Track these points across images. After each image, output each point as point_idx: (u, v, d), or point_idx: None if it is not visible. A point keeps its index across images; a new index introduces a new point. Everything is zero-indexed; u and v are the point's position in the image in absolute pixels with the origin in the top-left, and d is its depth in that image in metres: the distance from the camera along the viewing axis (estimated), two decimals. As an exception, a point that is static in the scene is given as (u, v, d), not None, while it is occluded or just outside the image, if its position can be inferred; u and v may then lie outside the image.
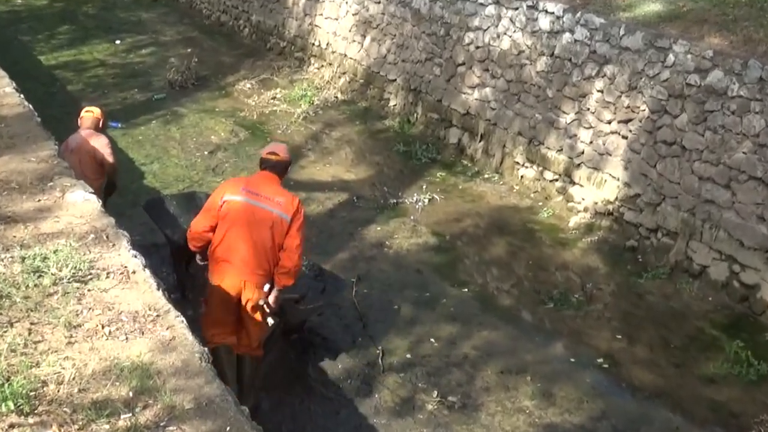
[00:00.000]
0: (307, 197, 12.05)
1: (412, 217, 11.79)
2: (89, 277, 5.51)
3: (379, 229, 11.41)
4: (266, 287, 7.27)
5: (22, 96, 9.55)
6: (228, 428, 4.32)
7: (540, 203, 12.25)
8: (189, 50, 18.71)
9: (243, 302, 7.25)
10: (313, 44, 17.54)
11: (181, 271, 9.48)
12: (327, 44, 17.10)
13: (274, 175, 7.47)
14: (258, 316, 7.34)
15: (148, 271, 5.73)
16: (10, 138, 7.95)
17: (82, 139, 9.29)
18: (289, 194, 7.45)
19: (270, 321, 7.40)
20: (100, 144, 9.29)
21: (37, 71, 17.24)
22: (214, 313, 7.38)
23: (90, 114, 9.63)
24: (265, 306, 7.25)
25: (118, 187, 9.68)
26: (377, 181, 12.85)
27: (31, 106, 9.24)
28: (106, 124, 10.06)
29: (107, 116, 10.20)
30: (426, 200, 12.22)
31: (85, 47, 19.09)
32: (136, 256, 5.88)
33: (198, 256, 7.71)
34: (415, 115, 14.79)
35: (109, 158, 9.28)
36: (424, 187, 12.61)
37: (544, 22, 12.28)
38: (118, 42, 19.51)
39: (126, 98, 16.05)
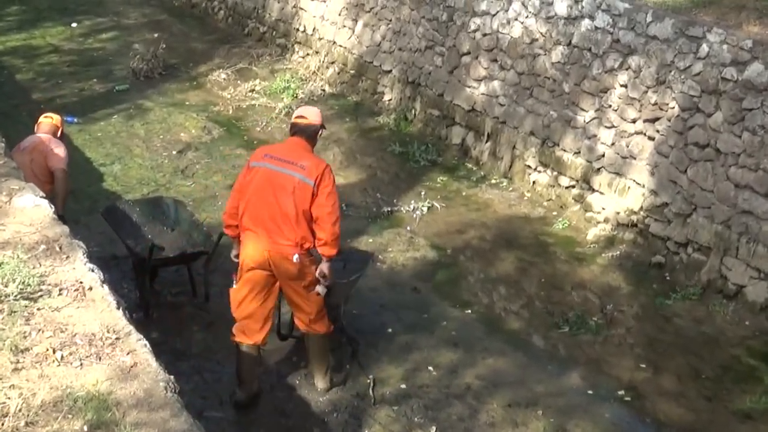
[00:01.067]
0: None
1: (408, 228, 11.81)
2: (39, 294, 5.52)
3: (371, 240, 11.42)
4: (295, 257, 7.77)
5: (-36, 86, 9.59)
6: (196, 468, 4.34)
7: (554, 213, 12.27)
8: (156, 35, 18.74)
9: (276, 275, 7.86)
10: (298, 29, 17.57)
11: (145, 287, 9.49)
12: (313, 29, 17.13)
13: (303, 140, 7.94)
14: (299, 288, 7.97)
15: (106, 288, 5.74)
16: (-50, 134, 7.98)
17: (38, 139, 9.46)
18: (317, 159, 7.93)
19: (319, 289, 8.01)
20: (57, 147, 9.45)
21: (-19, 57, 17.29)
22: (241, 294, 7.94)
23: (49, 120, 9.93)
24: (319, 277, 7.96)
25: (63, 195, 9.59)
26: (369, 187, 12.86)
27: (-26, 99, 9.27)
28: (64, 133, 10.27)
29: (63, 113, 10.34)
30: (425, 208, 12.24)
31: (36, 31, 19.12)
32: (93, 270, 5.89)
33: (233, 252, 8.21)
34: (413, 111, 14.82)
35: (60, 164, 9.36)
36: (423, 193, 12.62)
37: (561, 7, 12.32)
38: (74, 25, 19.54)
39: (83, 89, 16.06)
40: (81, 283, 5.68)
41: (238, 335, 8.05)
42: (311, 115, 8.05)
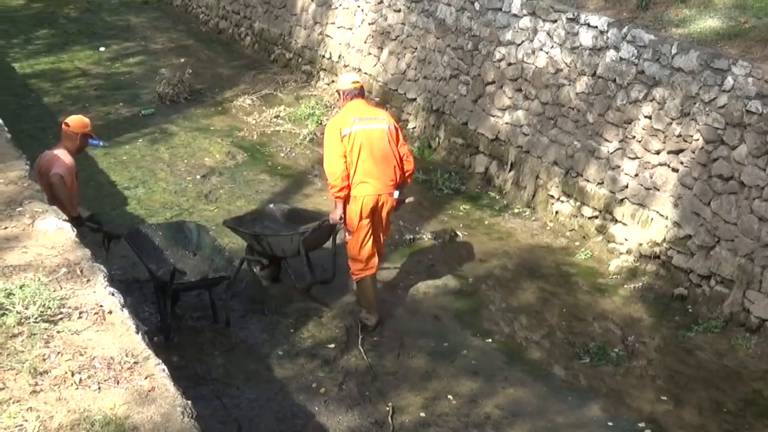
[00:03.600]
0: (311, 230, 12.09)
1: (430, 256, 11.79)
2: (59, 316, 5.53)
3: (393, 268, 11.41)
4: (396, 194, 9.99)
5: (-9, 108, 9.64)
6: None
7: (577, 243, 12.23)
8: (182, 60, 18.86)
9: (381, 214, 9.95)
10: (324, 56, 17.64)
11: (167, 312, 9.50)
12: (339, 57, 17.20)
13: (365, 99, 10.17)
14: (388, 220, 10.23)
15: (126, 312, 5.75)
16: (-24, 156, 8.02)
17: (50, 157, 9.24)
18: (381, 108, 10.51)
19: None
20: (62, 155, 9.12)
21: (10, 81, 17.44)
22: (366, 238, 9.88)
23: (66, 128, 9.53)
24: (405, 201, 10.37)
25: (64, 199, 9.40)
26: (392, 214, 12.83)
27: (0, 121, 9.31)
28: (89, 137, 9.82)
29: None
30: (447, 237, 12.23)
31: (65, 54, 19.29)
32: (113, 294, 5.90)
33: (338, 213, 9.90)
34: (437, 139, 14.83)
35: (54, 169, 8.93)
36: (446, 221, 12.62)
37: (586, 38, 12.32)
38: (102, 49, 19.69)
39: (110, 113, 16.16)
40: (101, 306, 5.70)
41: (364, 271, 9.94)
42: (358, 77, 10.30)
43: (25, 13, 22.57)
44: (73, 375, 4.99)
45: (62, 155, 9.22)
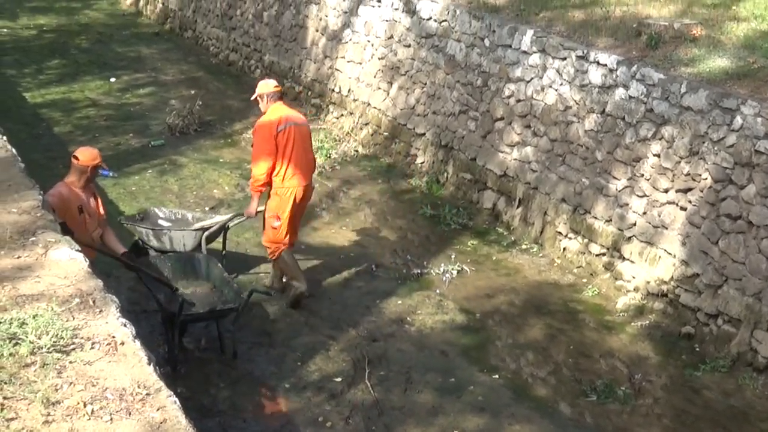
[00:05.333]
0: (319, 264, 12.14)
1: (437, 291, 11.81)
2: (72, 347, 5.54)
3: (400, 302, 11.43)
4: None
5: (4, 138, 9.68)
6: None
7: (584, 280, 12.25)
8: (192, 92, 18.96)
9: (304, 201, 11.10)
10: (333, 90, 17.73)
11: (174, 342, 9.52)
12: (348, 91, 17.29)
13: (283, 101, 11.20)
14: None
15: (138, 343, 5.77)
16: (-11, 186, 8.05)
17: (54, 189, 9.18)
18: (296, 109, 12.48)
19: None
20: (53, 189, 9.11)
21: (22, 110, 17.54)
22: (290, 222, 10.93)
23: (75, 161, 9.47)
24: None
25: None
26: (400, 248, 12.90)
27: (13, 150, 9.35)
28: (99, 168, 9.80)
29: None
30: (454, 272, 12.24)
31: (76, 84, 19.40)
32: (125, 325, 5.92)
33: (258, 206, 11.06)
34: (446, 174, 14.88)
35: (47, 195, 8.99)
36: (453, 256, 12.63)
37: (595, 76, 12.38)
38: (113, 80, 19.80)
39: (119, 144, 16.24)
40: (113, 337, 5.71)
41: (284, 247, 10.99)
42: (276, 81, 11.53)
43: (37, 43, 22.72)
44: (85, 406, 5.00)
45: (61, 186, 9.18)
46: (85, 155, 9.39)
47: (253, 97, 11.27)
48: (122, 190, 14.03)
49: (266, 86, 11.06)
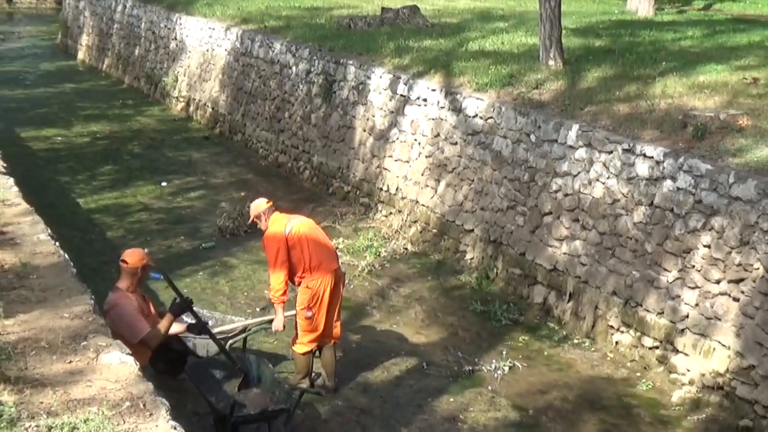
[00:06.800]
0: (369, 362, 12.10)
1: (490, 387, 11.72)
2: (123, 450, 5.57)
3: (452, 400, 11.35)
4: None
5: (57, 244, 9.84)
6: None
7: (638, 374, 12.10)
8: (242, 194, 19.14)
9: (339, 288, 11.17)
10: (381, 189, 17.84)
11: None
12: (396, 189, 17.39)
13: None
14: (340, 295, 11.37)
15: (188, 446, 5.77)
16: (42, 291, 8.17)
17: (110, 302, 9.43)
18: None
19: None
20: (119, 314, 9.34)
21: (75, 216, 17.78)
22: (327, 312, 10.97)
23: (124, 265, 9.71)
24: None
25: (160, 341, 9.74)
26: (450, 345, 12.84)
27: (66, 256, 9.50)
28: (149, 268, 10.01)
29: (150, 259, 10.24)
30: (506, 368, 12.15)
31: (128, 189, 19.68)
32: (175, 428, 5.94)
33: (282, 318, 11.11)
34: (495, 270, 14.85)
35: (135, 337, 9.30)
36: (505, 352, 12.54)
37: (642, 168, 12.38)
38: (164, 184, 20.07)
39: (171, 246, 16.40)
40: (163, 440, 5.73)
41: (314, 342, 11.07)
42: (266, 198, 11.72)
43: (90, 150, 23.12)
44: None
45: (120, 298, 9.45)
46: (133, 257, 9.60)
47: (249, 221, 11.69)
48: (174, 293, 14.08)
49: (259, 205, 11.35)
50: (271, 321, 11.40)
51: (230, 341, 11.02)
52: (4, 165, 13.62)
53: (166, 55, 28.91)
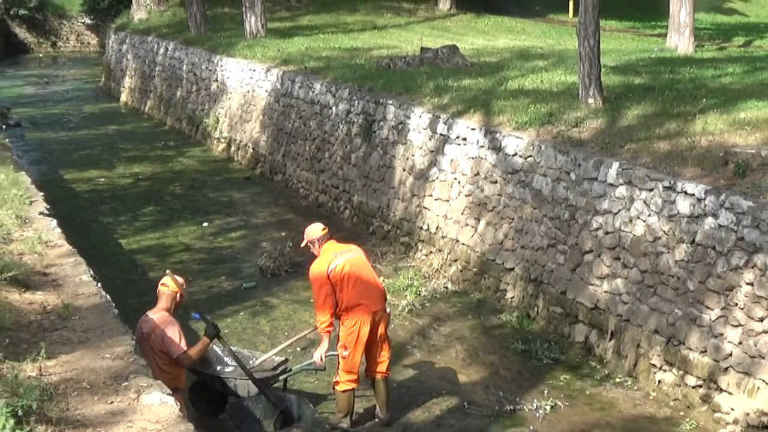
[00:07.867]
0: (410, 402, 12.07)
1: (531, 427, 11.65)
2: (163, 491, 5.58)
3: (493, 440, 11.29)
4: (387, 308, 11.55)
5: (99, 285, 9.92)
6: None
7: (681, 413, 11.99)
8: (283, 233, 19.21)
9: (379, 329, 11.17)
10: (421, 228, 17.85)
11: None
12: (436, 228, 17.39)
13: (332, 239, 11.54)
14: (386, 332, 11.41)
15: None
16: (84, 332, 8.24)
17: (152, 324, 9.55)
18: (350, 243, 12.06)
19: None
20: (170, 329, 9.49)
21: (117, 256, 17.92)
22: (367, 352, 11.20)
23: (165, 288, 9.87)
24: None
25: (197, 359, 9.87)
26: (492, 384, 12.79)
27: (108, 297, 9.58)
28: (186, 296, 10.13)
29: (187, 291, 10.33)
30: (548, 407, 12.08)
31: (170, 230, 19.81)
32: (215, 468, 5.95)
33: (325, 349, 11.14)
34: (536, 308, 14.79)
35: (178, 350, 9.44)
36: (546, 391, 12.48)
37: (683, 206, 12.32)
38: (205, 224, 20.19)
39: (212, 286, 16.47)
40: (203, 480, 5.75)
41: (353, 383, 11.17)
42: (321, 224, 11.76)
43: (132, 191, 23.32)
44: None
45: (172, 325, 9.58)
46: (172, 283, 9.77)
47: (303, 244, 11.62)
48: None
49: (315, 231, 11.41)
50: (311, 364, 11.44)
51: (270, 382, 11.03)
52: (48, 207, 13.76)
53: (208, 96, 29.17)
